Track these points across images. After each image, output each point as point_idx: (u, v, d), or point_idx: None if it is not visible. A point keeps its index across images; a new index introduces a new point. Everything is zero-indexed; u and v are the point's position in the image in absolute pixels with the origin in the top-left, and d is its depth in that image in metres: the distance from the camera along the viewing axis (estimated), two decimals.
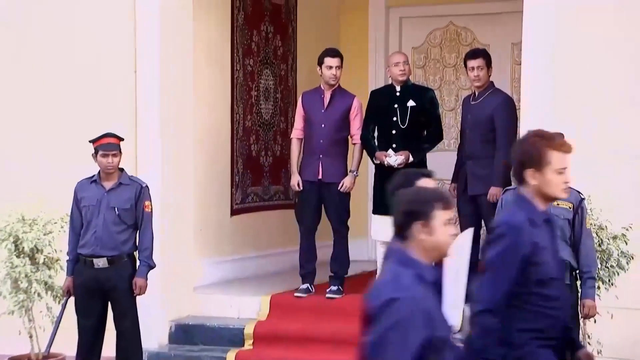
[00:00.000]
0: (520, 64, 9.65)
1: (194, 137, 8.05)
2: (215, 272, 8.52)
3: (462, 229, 7.44)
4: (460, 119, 7.69)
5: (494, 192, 7.22)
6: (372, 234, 7.74)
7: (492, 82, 7.50)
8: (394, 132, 7.51)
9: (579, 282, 5.76)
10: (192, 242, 8.06)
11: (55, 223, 7.07)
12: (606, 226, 6.10)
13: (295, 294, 7.74)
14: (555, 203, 5.60)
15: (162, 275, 7.35)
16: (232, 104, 8.73)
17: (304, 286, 7.75)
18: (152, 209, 6.66)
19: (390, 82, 7.76)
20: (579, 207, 5.73)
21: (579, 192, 5.79)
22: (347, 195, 7.67)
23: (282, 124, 9.33)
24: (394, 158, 7.44)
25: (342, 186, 7.61)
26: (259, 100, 9.05)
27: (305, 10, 9.62)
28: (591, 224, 5.85)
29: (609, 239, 6.05)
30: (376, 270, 7.81)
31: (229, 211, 8.74)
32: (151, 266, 6.66)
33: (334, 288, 7.67)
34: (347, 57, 10.22)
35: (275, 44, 9.25)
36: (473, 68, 7.34)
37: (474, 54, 7.44)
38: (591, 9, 6.67)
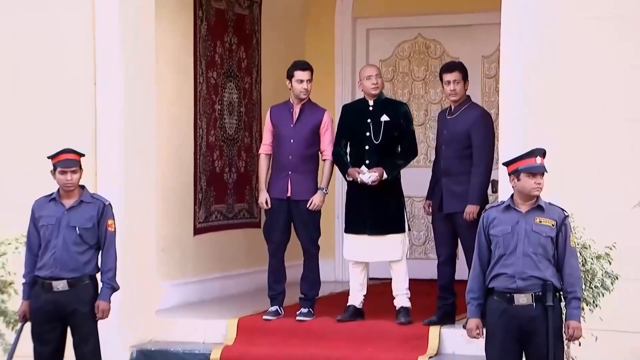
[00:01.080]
0: (491, 78, 9.81)
1: (156, 152, 7.95)
2: (178, 294, 8.42)
3: (437, 248, 7.49)
4: (436, 134, 7.67)
5: (470, 210, 7.21)
6: (345, 254, 7.70)
7: (468, 97, 7.50)
8: (367, 147, 7.47)
9: (562, 303, 5.72)
10: (154, 262, 7.95)
11: (9, 244, 6.92)
12: (589, 245, 6.09)
13: (264, 317, 7.66)
14: (537, 220, 5.66)
15: (122, 297, 7.20)
16: (195, 118, 8.67)
17: (273, 308, 7.68)
18: (115, 228, 6.55)
19: (362, 96, 7.73)
20: (562, 225, 5.69)
21: (563, 209, 5.76)
22: (317, 213, 7.64)
23: (246, 139, 9.28)
24: (367, 175, 7.40)
25: (310, 204, 7.56)
26: (223, 115, 8.99)
27: (270, 21, 9.59)
28: (575, 243, 5.83)
29: (592, 259, 6.04)
30: (347, 291, 7.73)
31: (192, 230, 8.66)
32: (115, 288, 6.54)
33: (304, 310, 7.60)
34: None
35: (239, 56, 9.21)
36: (449, 82, 7.33)
37: (449, 67, 7.43)
38: (573, 19, 6.69)
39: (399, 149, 7.56)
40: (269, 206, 7.66)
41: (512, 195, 5.81)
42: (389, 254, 7.46)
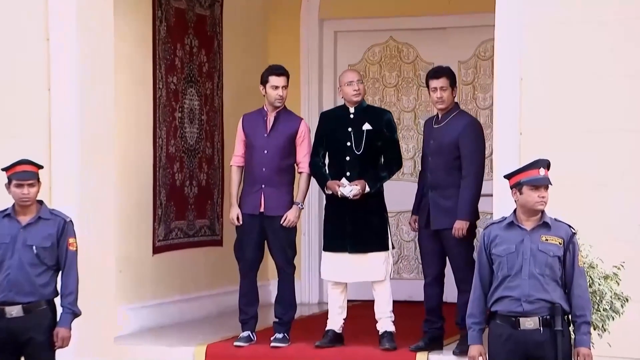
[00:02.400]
0: (468, 84, 9.78)
1: (114, 164, 7.75)
2: (136, 319, 8.24)
3: (424, 268, 7.42)
4: (422, 144, 7.60)
5: (459, 225, 7.13)
6: (323, 274, 7.59)
7: (457, 104, 7.44)
8: (347, 158, 7.39)
9: (571, 328, 5.64)
10: (113, 285, 7.74)
11: None
12: (597, 264, 6.01)
13: (235, 343, 7.51)
14: (543, 238, 5.61)
15: (78, 324, 6.97)
16: (155, 127, 8.54)
17: (245, 334, 7.54)
18: (77, 247, 6.34)
19: (341, 102, 7.67)
20: (570, 243, 5.62)
21: (570, 226, 5.69)
22: (292, 230, 7.55)
23: (207, 150, 9.16)
24: (348, 188, 7.30)
25: (285, 220, 7.47)
26: (184, 123, 8.87)
27: (231, 22, 9.48)
28: (583, 262, 5.75)
29: (600, 279, 5.96)
30: (320, 313, 7.65)
31: (150, 249, 8.51)
32: (76, 314, 6.33)
33: (279, 336, 7.47)
34: None
35: (200, 60, 9.08)
36: (436, 89, 7.25)
37: (436, 72, 7.34)
38: (578, 21, 6.65)
39: (382, 159, 7.48)
40: (241, 222, 7.55)
41: (514, 211, 5.74)
42: (372, 274, 7.37)
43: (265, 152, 7.50)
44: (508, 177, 5.74)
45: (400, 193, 9.02)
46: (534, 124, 6.64)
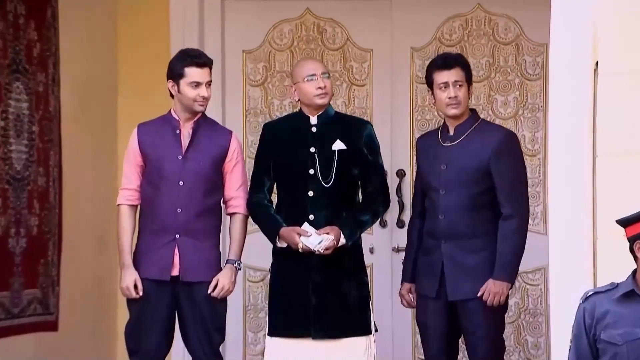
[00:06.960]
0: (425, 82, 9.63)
1: None
2: None
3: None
4: (422, 171, 7.56)
5: (496, 289, 7.21)
6: None
7: (474, 111, 7.53)
8: (310, 193, 7.38)
9: None
10: None
11: None
12: None
13: None
14: None
15: None
16: None
17: None
18: None
19: (298, 108, 7.63)
20: None
21: None
22: (222, 303, 7.49)
23: (40, 179, 9.05)
24: (315, 238, 7.23)
25: (214, 288, 7.41)
26: (8, 137, 8.74)
27: None
28: None
29: None
30: None
31: None
32: None
33: None
34: (131, 62, 9.64)
35: (28, 37, 8.97)
36: (446, 85, 7.33)
37: (446, 61, 7.40)
38: None
39: (361, 195, 7.51)
40: (140, 294, 7.41)
41: (634, 274, 5.68)
42: None
43: (181, 183, 7.41)
44: (626, 222, 5.69)
45: None
46: (617, 142, 6.51)
